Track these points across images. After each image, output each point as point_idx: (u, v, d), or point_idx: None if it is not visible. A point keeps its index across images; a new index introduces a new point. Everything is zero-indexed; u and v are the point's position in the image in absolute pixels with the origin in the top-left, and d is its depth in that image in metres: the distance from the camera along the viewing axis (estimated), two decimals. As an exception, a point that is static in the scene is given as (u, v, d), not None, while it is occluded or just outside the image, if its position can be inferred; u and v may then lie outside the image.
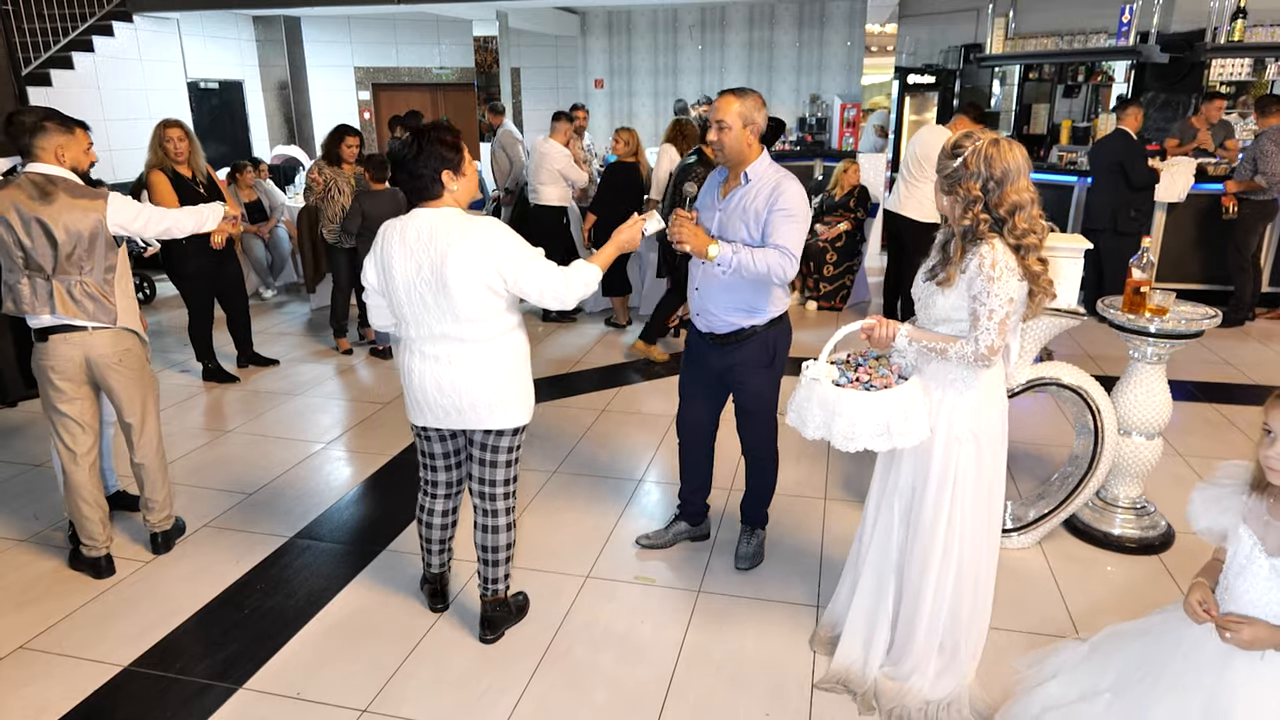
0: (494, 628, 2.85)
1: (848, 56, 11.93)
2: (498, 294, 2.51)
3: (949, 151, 2.23)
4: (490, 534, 2.80)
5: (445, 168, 2.49)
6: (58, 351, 3.05)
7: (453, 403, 2.60)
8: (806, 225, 2.84)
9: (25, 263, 2.98)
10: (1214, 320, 3.20)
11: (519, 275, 2.49)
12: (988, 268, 2.17)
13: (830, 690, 2.59)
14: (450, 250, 2.44)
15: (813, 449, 4.26)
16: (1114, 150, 6.17)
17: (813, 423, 2.29)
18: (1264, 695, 1.69)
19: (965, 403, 2.33)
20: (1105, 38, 8.04)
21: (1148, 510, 3.43)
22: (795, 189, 2.79)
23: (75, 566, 3.27)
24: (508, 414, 2.65)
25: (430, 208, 2.53)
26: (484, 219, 2.54)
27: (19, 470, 4.15)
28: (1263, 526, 1.71)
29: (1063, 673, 2.16)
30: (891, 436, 2.25)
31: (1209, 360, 5.69)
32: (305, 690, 2.62)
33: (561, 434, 4.57)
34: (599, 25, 12.85)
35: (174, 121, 4.93)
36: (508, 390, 2.62)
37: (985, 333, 2.19)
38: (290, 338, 6.49)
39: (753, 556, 3.29)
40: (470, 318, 2.51)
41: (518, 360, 2.65)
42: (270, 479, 4.07)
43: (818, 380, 2.28)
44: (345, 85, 13.05)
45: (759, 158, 2.85)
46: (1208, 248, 6.90)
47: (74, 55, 8.92)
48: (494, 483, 2.76)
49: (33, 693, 2.61)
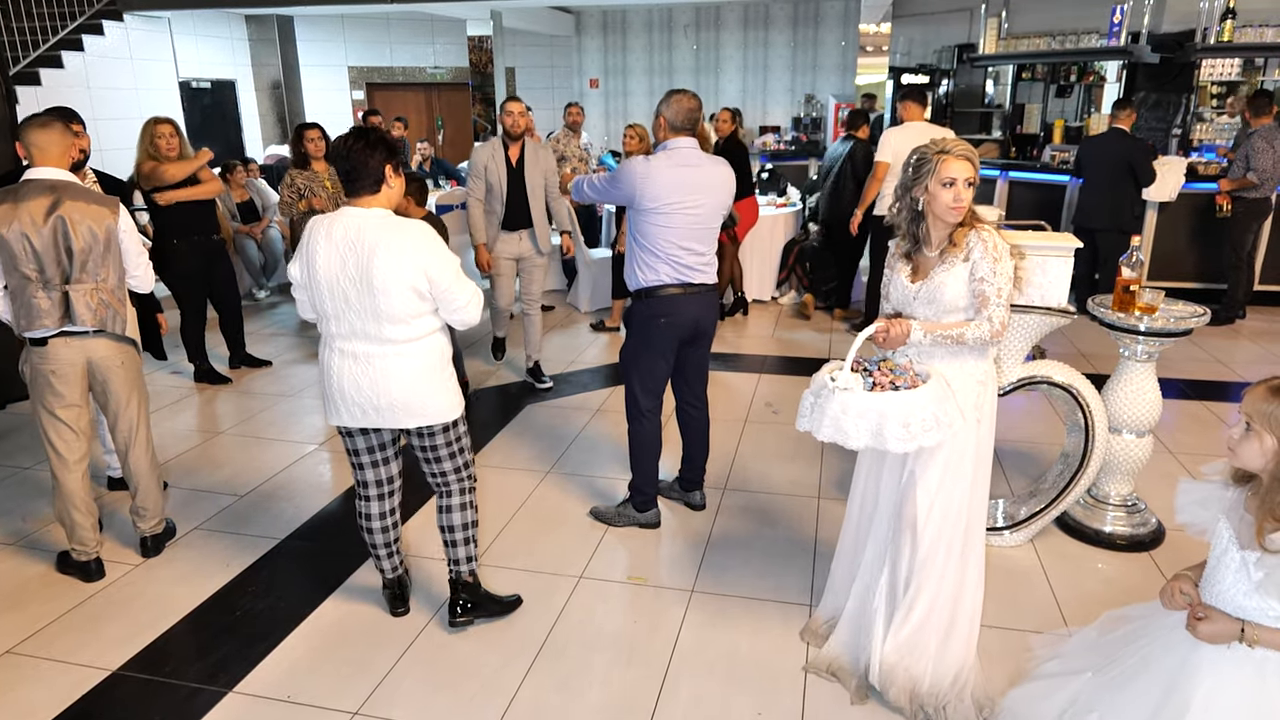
0: (461, 612, 2.85)
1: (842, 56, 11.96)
2: (423, 297, 2.52)
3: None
4: (446, 514, 2.84)
5: (390, 162, 2.52)
6: (59, 355, 3.03)
7: (370, 402, 2.59)
8: (625, 175, 3.24)
9: (40, 274, 2.94)
10: (1203, 318, 3.21)
11: (443, 284, 2.52)
12: (991, 250, 2.31)
13: (820, 676, 2.62)
14: (378, 250, 2.45)
15: (806, 450, 4.26)
16: (1118, 149, 6.17)
17: (856, 432, 2.25)
18: (1224, 682, 1.72)
19: (978, 385, 2.43)
20: (1097, 38, 8.06)
21: (1138, 508, 3.45)
22: (627, 164, 3.30)
23: (64, 570, 3.25)
24: (427, 414, 2.64)
25: (360, 207, 2.52)
26: (413, 223, 2.54)
27: (8, 474, 4.13)
28: (1238, 520, 1.75)
29: (1064, 654, 2.22)
30: (941, 428, 2.26)
31: (1200, 358, 5.71)
32: (296, 693, 2.61)
33: (555, 434, 4.56)
34: (594, 25, 12.85)
35: (164, 119, 4.91)
36: (425, 392, 2.61)
37: (997, 309, 2.32)
38: (283, 339, 6.47)
39: (603, 513, 3.63)
40: (392, 318, 2.51)
41: (437, 362, 2.65)
42: (261, 481, 4.05)
43: (850, 390, 2.26)
44: (339, 85, 13.03)
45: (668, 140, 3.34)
46: (1199, 246, 6.93)
47: (64, 54, 8.88)
48: (443, 473, 2.80)
49: (21, 697, 2.60)
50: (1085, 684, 2.02)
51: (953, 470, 2.41)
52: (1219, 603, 1.73)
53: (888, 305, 2.57)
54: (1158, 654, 1.86)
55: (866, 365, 2.42)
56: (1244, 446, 1.69)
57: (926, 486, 2.42)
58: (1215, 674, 1.73)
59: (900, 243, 2.50)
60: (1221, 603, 1.73)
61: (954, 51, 10.04)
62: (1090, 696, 1.97)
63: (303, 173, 5.55)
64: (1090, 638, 2.16)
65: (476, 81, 11.03)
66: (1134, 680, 1.88)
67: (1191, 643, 1.77)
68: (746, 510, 3.72)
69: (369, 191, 2.52)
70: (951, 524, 2.45)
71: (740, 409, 4.89)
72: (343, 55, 12.90)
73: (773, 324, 6.74)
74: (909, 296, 2.46)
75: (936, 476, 2.42)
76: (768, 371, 5.57)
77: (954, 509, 2.44)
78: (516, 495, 3.87)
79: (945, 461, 2.40)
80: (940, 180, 2.31)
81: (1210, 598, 1.76)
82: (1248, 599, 1.69)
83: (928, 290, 2.40)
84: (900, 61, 10.78)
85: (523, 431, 4.64)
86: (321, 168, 5.58)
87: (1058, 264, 3.10)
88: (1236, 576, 1.71)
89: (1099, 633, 2.14)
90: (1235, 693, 1.71)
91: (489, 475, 4.09)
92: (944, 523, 2.44)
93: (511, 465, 4.21)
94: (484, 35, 10.75)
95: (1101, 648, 2.07)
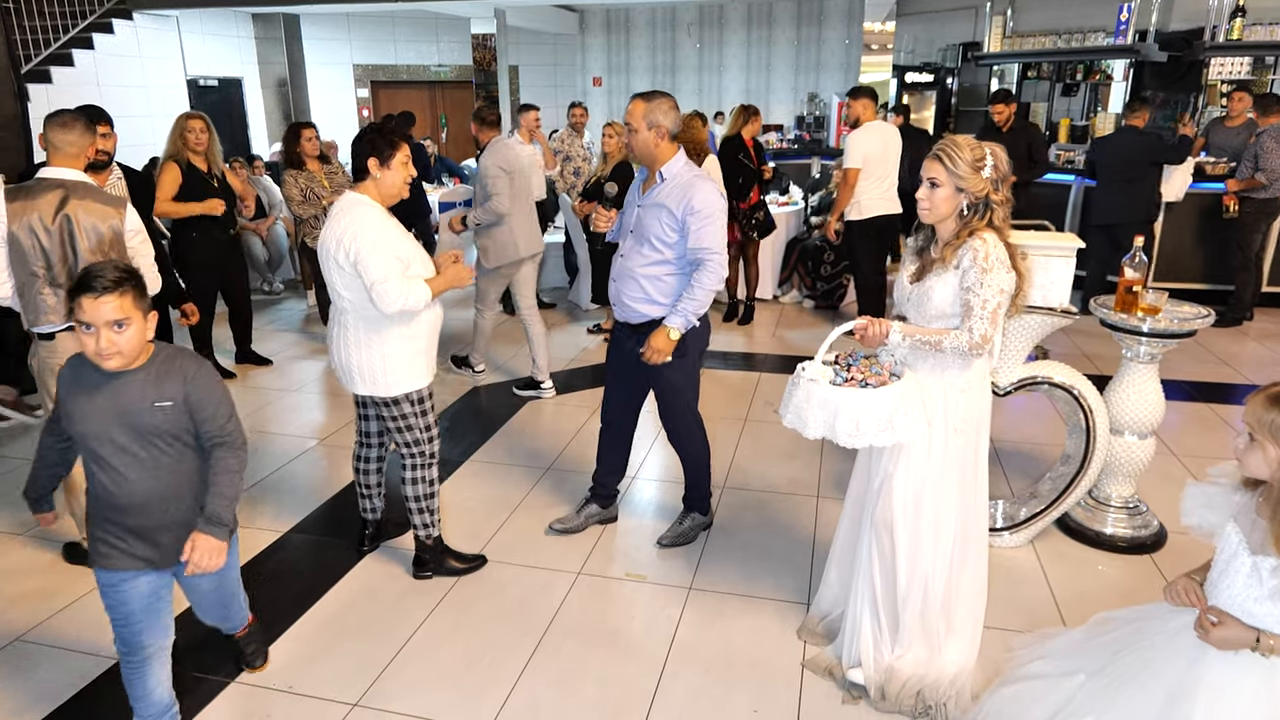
0: (419, 566, 3.19)
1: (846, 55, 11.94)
2: (343, 272, 2.79)
3: (974, 164, 2.26)
4: (401, 484, 3.12)
5: (373, 154, 2.82)
6: (67, 349, 3.03)
7: (336, 362, 2.98)
8: (724, 220, 3.02)
9: (47, 271, 2.96)
10: (1207, 320, 3.20)
11: (359, 263, 2.74)
12: (980, 260, 2.24)
13: (817, 674, 2.63)
14: (331, 226, 2.81)
15: (806, 448, 4.27)
16: (1133, 145, 6.15)
17: (814, 422, 2.31)
18: (1230, 691, 1.70)
19: (959, 394, 2.38)
20: (1104, 36, 8.03)
21: (1140, 510, 3.44)
22: (707, 188, 2.98)
23: (74, 560, 3.28)
24: (373, 385, 2.92)
25: (353, 190, 2.87)
26: (370, 210, 2.81)
27: (19, 464, 4.16)
28: (1249, 524, 1.72)
29: (1051, 655, 2.20)
30: (895, 431, 2.28)
31: (1205, 360, 5.69)
32: (297, 684, 2.63)
33: (555, 432, 4.57)
34: (597, 23, 12.86)
35: (197, 114, 5.06)
36: (367, 364, 2.89)
37: (979, 321, 2.25)
38: (288, 334, 6.49)
39: (675, 538, 3.38)
40: (339, 290, 2.83)
41: (385, 339, 2.87)
42: (266, 474, 4.07)
43: (816, 381, 2.31)
44: (344, 83, 13.05)
45: (674, 157, 3.02)
46: (1206, 247, 6.90)
47: (74, 52, 8.93)
48: (398, 443, 3.07)
49: (30, 683, 2.63)
50: (1079, 687, 1.99)
51: (931, 477, 2.40)
52: (1226, 607, 1.71)
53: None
54: (1159, 659, 1.83)
55: (850, 360, 2.44)
56: (1249, 457, 1.69)
57: (900, 490, 2.42)
58: (1220, 682, 1.70)
59: (915, 238, 2.47)
60: (1228, 607, 1.71)
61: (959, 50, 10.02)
62: (1086, 699, 1.94)
63: (301, 173, 5.60)
64: (1077, 639, 2.14)
65: (480, 79, 11.05)
66: (1133, 685, 1.85)
67: (1196, 649, 1.74)
68: (745, 508, 3.72)
69: (359, 179, 2.89)
70: (929, 528, 2.44)
71: (740, 407, 4.90)
72: (348, 53, 12.93)
73: (774, 323, 6.74)
74: (904, 296, 2.46)
75: (908, 481, 2.42)
76: (768, 370, 5.57)
77: (929, 514, 2.43)
78: (517, 491, 3.89)
79: (918, 467, 2.40)
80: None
81: (1216, 601, 1.74)
82: (1258, 605, 1.66)
83: (918, 294, 2.39)
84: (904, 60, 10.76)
85: (523, 428, 4.65)
86: (316, 167, 5.64)
87: (1059, 264, 3.10)
88: (1248, 581, 1.68)
89: (1086, 635, 2.12)
90: (1241, 701, 1.69)
91: (490, 471, 4.10)
92: (919, 527, 2.44)
93: (512, 461, 4.22)
94: (488, 33, 10.77)
95: (1093, 650, 2.04)
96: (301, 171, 5.59)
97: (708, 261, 2.96)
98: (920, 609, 2.48)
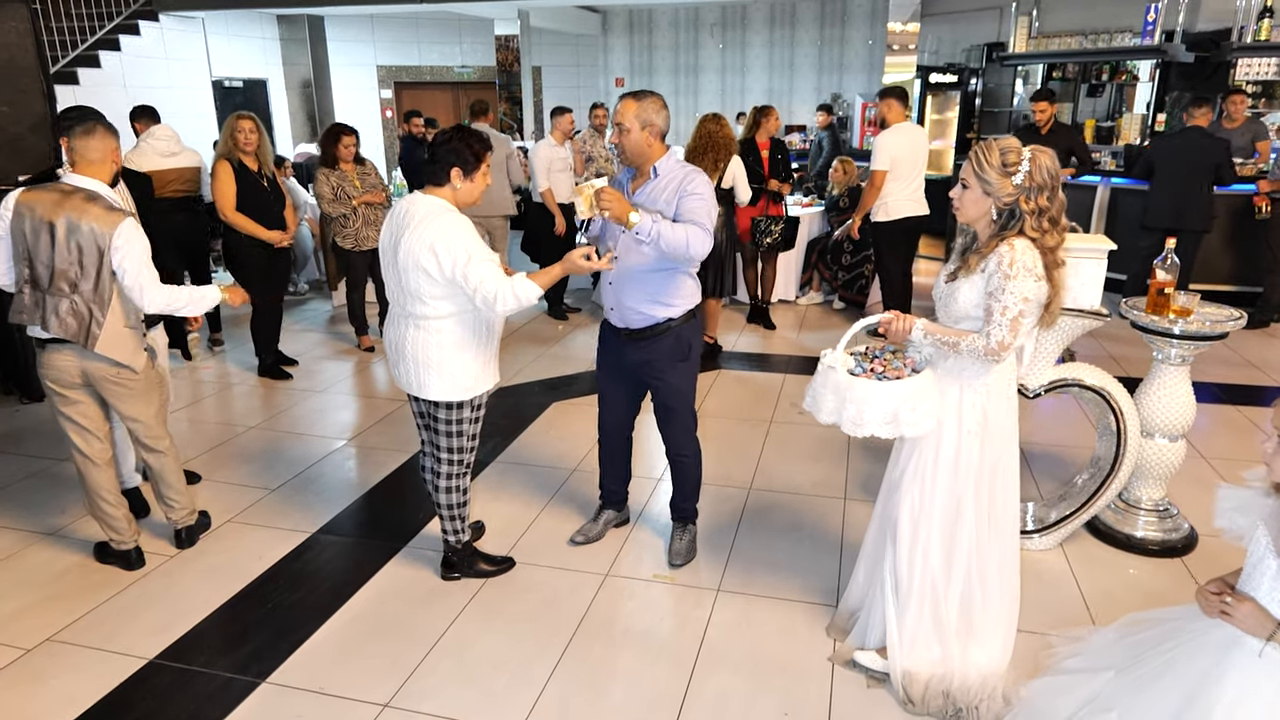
0: (448, 568, 3.21)
1: (869, 55, 11.88)
2: (433, 279, 2.73)
3: (1004, 168, 2.23)
4: (434, 491, 3.11)
5: (458, 164, 2.77)
6: (54, 362, 3.05)
7: (395, 364, 2.96)
8: (714, 208, 2.98)
9: (31, 272, 2.98)
10: (1239, 322, 3.17)
11: (455, 268, 2.69)
12: (1005, 265, 2.23)
13: (845, 668, 2.66)
14: (407, 229, 2.73)
15: (832, 450, 4.25)
16: (1201, 148, 6.03)
17: (825, 408, 2.37)
18: (1251, 692, 1.71)
19: (977, 398, 2.38)
20: (1130, 37, 7.96)
21: (1170, 513, 3.41)
22: (702, 178, 2.96)
23: (105, 560, 3.32)
24: (436, 389, 2.89)
25: (426, 194, 2.80)
26: (458, 217, 2.76)
27: (45, 465, 4.22)
28: (1277, 528, 1.73)
29: (1085, 652, 2.24)
30: (899, 425, 2.32)
31: (1235, 362, 5.62)
32: (328, 684, 2.65)
33: (578, 433, 4.58)
34: (620, 24, 12.87)
35: (247, 114, 5.15)
36: (434, 368, 2.86)
37: (997, 328, 2.24)
38: (313, 335, 6.55)
39: (686, 552, 3.34)
40: (411, 293, 2.79)
41: (450, 344, 2.85)
42: (293, 475, 4.11)
43: (833, 368, 2.36)
44: (368, 84, 13.14)
45: (665, 155, 3.00)
46: (1235, 248, 6.82)
47: (101, 54, 9.05)
48: (439, 447, 3.04)
49: (60, 684, 2.66)
50: (1106, 682, 2.02)
51: (941, 477, 2.42)
52: None
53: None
54: (1183, 658, 1.85)
55: (876, 352, 2.49)
56: (1277, 461, 1.69)
57: (910, 488, 2.45)
58: (1241, 682, 1.72)
59: (963, 237, 2.45)
60: None
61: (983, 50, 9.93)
62: (1111, 695, 1.98)
63: (334, 172, 5.66)
64: (1109, 638, 2.17)
65: (503, 80, 11.09)
66: (1156, 682, 1.88)
67: (1219, 649, 1.76)
68: (772, 510, 3.72)
69: (434, 183, 2.81)
70: (938, 528, 2.45)
71: (766, 409, 4.89)
72: (372, 55, 13.02)
73: (797, 325, 6.72)
74: (938, 295, 2.46)
75: (916, 479, 2.45)
76: (792, 372, 5.56)
77: (937, 514, 2.44)
78: (543, 492, 3.90)
79: (928, 466, 2.43)
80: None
81: None
82: None
83: (947, 293, 2.40)
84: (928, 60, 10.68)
85: (549, 428, 4.66)
86: (350, 167, 5.70)
87: (1090, 266, 3.07)
88: (1274, 584, 1.69)
89: (1118, 634, 2.15)
90: (1262, 702, 1.70)
91: (516, 471, 4.12)
92: (928, 526, 2.45)
93: (538, 462, 4.23)
94: (511, 34, 10.81)
95: (1124, 648, 2.07)
96: (334, 170, 5.67)
97: (693, 225, 2.85)
98: (931, 608, 2.49)
